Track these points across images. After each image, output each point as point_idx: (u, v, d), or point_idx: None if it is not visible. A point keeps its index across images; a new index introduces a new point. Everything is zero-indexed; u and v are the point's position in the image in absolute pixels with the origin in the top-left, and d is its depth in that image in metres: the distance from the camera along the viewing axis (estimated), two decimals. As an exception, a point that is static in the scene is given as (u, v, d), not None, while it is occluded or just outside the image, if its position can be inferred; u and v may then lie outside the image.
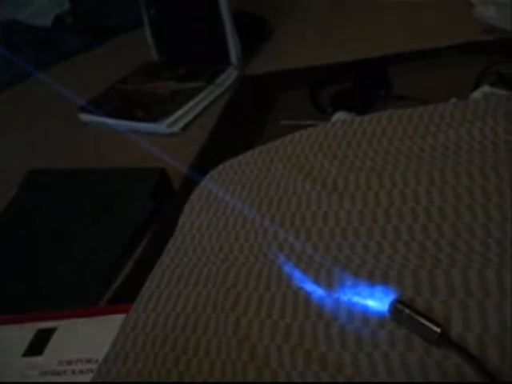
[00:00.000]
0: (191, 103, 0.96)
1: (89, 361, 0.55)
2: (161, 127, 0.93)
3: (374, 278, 0.43)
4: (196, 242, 0.55)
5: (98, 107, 1.02)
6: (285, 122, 0.83)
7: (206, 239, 0.55)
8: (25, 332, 0.63)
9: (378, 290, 0.42)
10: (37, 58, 1.28)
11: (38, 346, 0.61)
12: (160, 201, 0.76)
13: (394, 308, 0.40)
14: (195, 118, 0.95)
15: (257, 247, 0.51)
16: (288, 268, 0.46)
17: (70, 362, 0.56)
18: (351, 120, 0.63)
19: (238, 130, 0.88)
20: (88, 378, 0.51)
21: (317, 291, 0.44)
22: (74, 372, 0.55)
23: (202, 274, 0.51)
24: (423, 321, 0.39)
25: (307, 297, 0.45)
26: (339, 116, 0.76)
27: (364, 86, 0.87)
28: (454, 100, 0.66)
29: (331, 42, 1.04)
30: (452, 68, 0.82)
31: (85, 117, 1.03)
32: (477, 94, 0.70)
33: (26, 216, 0.83)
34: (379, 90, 0.83)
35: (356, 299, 0.42)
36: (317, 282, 0.45)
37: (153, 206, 0.75)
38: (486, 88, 0.70)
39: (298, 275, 0.46)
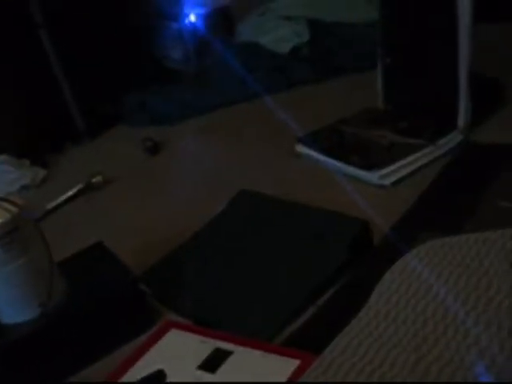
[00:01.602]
0: (408, 159, 0.94)
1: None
2: (372, 177, 0.92)
3: None
4: (390, 319, 0.54)
5: (314, 141, 1.05)
6: (502, 204, 0.78)
7: (400, 319, 0.53)
8: (204, 346, 0.66)
9: None
10: (268, 81, 1.35)
11: (213, 363, 0.64)
12: (355, 252, 0.76)
13: None
14: (408, 175, 0.93)
15: (454, 346, 0.48)
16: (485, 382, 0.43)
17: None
18: None
19: (449, 199, 0.84)
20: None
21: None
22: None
23: (390, 355, 0.50)
24: None
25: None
26: None
27: None
28: None
29: None
30: None
31: (300, 148, 1.07)
32: None
33: (229, 232, 0.88)
34: None
35: None
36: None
37: (347, 256, 0.75)
38: None
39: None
